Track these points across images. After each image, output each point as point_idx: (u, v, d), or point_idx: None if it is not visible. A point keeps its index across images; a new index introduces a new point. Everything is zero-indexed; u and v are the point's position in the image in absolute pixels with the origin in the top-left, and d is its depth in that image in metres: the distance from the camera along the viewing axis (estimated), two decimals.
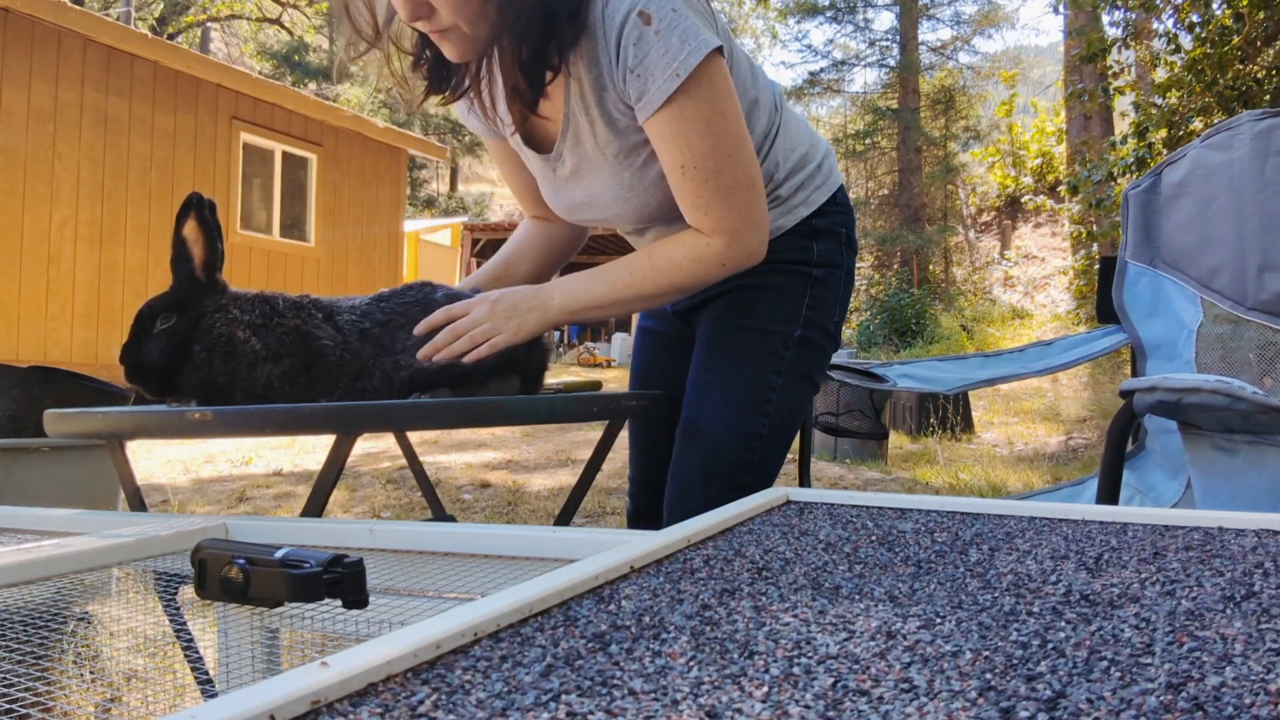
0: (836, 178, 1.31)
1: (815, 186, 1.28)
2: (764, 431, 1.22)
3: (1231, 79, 6.22)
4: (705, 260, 1.13)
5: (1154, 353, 1.88)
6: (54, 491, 2.06)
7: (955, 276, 17.70)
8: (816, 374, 1.30)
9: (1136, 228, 1.94)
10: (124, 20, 15.09)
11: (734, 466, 1.22)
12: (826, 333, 1.28)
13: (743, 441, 1.22)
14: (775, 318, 1.24)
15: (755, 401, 1.22)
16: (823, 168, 1.30)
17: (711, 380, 1.25)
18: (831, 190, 1.29)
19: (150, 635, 0.85)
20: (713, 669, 0.42)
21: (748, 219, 1.12)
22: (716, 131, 1.08)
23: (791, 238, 1.25)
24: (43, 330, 6.71)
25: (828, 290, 1.28)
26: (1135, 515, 0.75)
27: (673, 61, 1.04)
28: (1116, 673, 0.40)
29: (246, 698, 0.36)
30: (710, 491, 1.21)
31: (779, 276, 1.25)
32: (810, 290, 1.26)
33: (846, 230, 1.31)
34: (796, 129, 1.29)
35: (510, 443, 5.66)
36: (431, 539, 0.77)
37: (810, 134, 1.32)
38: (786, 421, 1.25)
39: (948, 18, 19.55)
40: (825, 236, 1.27)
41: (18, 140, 6.54)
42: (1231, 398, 1.04)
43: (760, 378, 1.23)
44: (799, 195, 1.26)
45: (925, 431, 6.07)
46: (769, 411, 1.23)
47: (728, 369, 1.24)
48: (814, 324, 1.26)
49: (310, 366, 1.12)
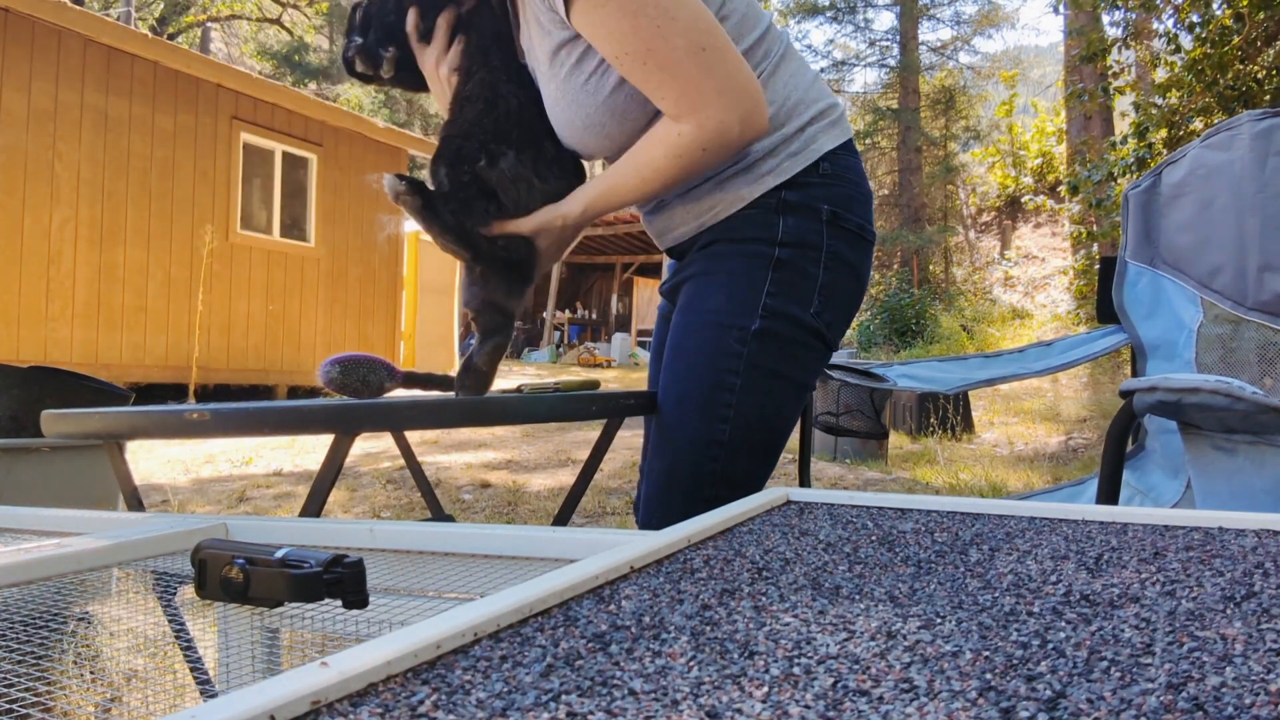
0: (821, 146, 1.15)
1: (790, 154, 1.13)
2: (724, 438, 1.12)
3: (1232, 79, 6.22)
4: (685, 152, 1.04)
5: (1154, 353, 1.88)
6: (54, 491, 2.06)
7: (955, 276, 17.70)
8: (791, 370, 1.15)
9: (1136, 228, 1.94)
10: (124, 20, 15.09)
11: (696, 476, 1.14)
12: (797, 323, 1.13)
13: (702, 449, 1.13)
14: (728, 309, 1.13)
15: (712, 405, 1.12)
16: (804, 132, 1.14)
17: (671, 381, 1.18)
18: (812, 159, 1.13)
19: (150, 635, 0.85)
20: (713, 669, 0.42)
21: (706, 90, 1.01)
22: (633, 8, 1.00)
23: (756, 211, 1.13)
24: (43, 330, 6.71)
25: (796, 274, 1.13)
26: (1135, 515, 0.75)
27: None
28: (1117, 673, 0.40)
29: (246, 698, 0.36)
30: (673, 500, 1.16)
31: (734, 261, 1.14)
32: (772, 273, 1.12)
33: (831, 206, 1.14)
34: (784, 85, 1.15)
35: (510, 443, 5.66)
36: (431, 539, 0.77)
37: (800, 91, 1.16)
38: (755, 425, 1.14)
39: (948, 18, 19.56)
40: (797, 211, 1.12)
41: (18, 140, 6.53)
42: (1232, 398, 1.04)
43: (716, 379, 1.12)
44: (767, 162, 1.13)
45: (925, 431, 6.07)
46: (728, 416, 1.12)
47: (683, 368, 1.16)
48: (777, 314, 1.12)
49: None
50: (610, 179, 1.13)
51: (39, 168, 6.65)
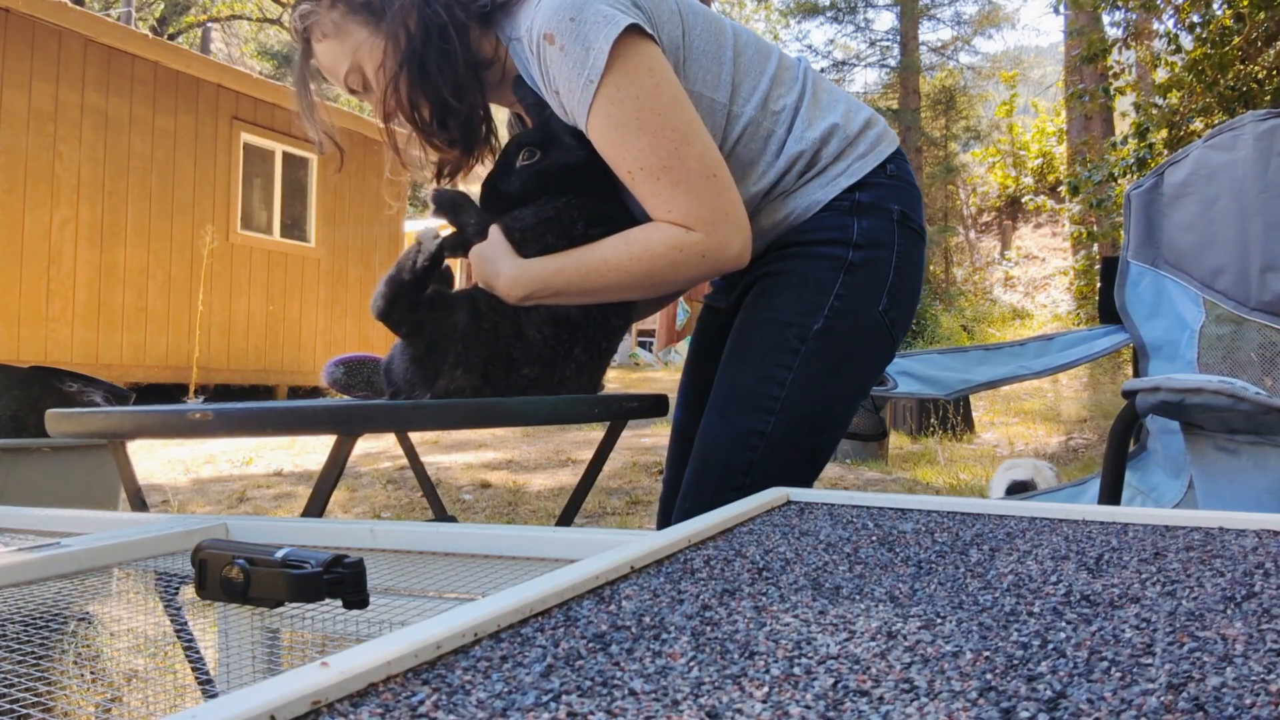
0: (885, 149, 1.19)
1: (858, 156, 1.16)
2: (767, 429, 1.14)
3: (1232, 79, 6.22)
4: (685, 249, 1.05)
5: (1156, 353, 1.88)
6: (54, 491, 2.06)
7: (956, 277, 17.69)
8: (850, 368, 1.17)
9: (1138, 228, 1.94)
10: (125, 20, 15.09)
11: (729, 465, 1.15)
12: (864, 321, 1.15)
13: (741, 439, 1.15)
14: (793, 308, 1.14)
15: (759, 397, 1.14)
16: (866, 135, 1.18)
17: (723, 376, 1.19)
18: (879, 159, 1.17)
19: (151, 635, 0.85)
20: (713, 669, 0.42)
21: (718, 210, 1.05)
22: (652, 128, 1.03)
23: (830, 214, 1.15)
24: (43, 330, 6.71)
25: (870, 275, 1.15)
26: (1136, 516, 0.75)
27: (582, 71, 1.03)
28: (1117, 673, 0.40)
29: (247, 698, 0.36)
30: (704, 488, 1.17)
31: (805, 262, 1.15)
32: (843, 276, 1.14)
33: (901, 207, 1.17)
34: (829, 98, 1.19)
35: (510, 443, 5.66)
36: (432, 539, 0.77)
37: (846, 101, 1.21)
38: (803, 421, 1.15)
39: (948, 18, 19.53)
40: (871, 212, 1.15)
41: (18, 140, 6.54)
42: (1235, 398, 1.04)
43: (767, 373, 1.14)
44: (838, 165, 1.15)
45: (926, 432, 6.07)
46: (774, 409, 1.14)
47: (737, 363, 1.18)
48: (843, 314, 1.14)
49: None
50: (594, 248, 1.11)
51: (39, 168, 6.66)
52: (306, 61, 1.21)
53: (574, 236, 1.12)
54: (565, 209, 1.14)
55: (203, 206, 7.73)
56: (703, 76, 1.13)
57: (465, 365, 1.11)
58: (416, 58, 1.12)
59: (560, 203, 1.15)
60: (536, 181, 1.16)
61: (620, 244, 1.09)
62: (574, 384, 1.17)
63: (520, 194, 1.16)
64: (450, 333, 1.11)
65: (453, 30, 1.12)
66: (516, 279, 1.12)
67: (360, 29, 1.14)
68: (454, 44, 1.13)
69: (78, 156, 6.88)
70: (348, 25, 1.15)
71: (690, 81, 1.12)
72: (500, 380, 1.12)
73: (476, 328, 1.12)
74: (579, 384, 1.18)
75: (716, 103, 1.13)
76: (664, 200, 1.05)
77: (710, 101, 1.13)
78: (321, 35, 1.16)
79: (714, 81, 1.13)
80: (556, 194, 1.15)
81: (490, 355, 1.12)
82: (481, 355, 1.11)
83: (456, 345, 1.11)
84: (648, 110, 1.03)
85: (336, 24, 1.15)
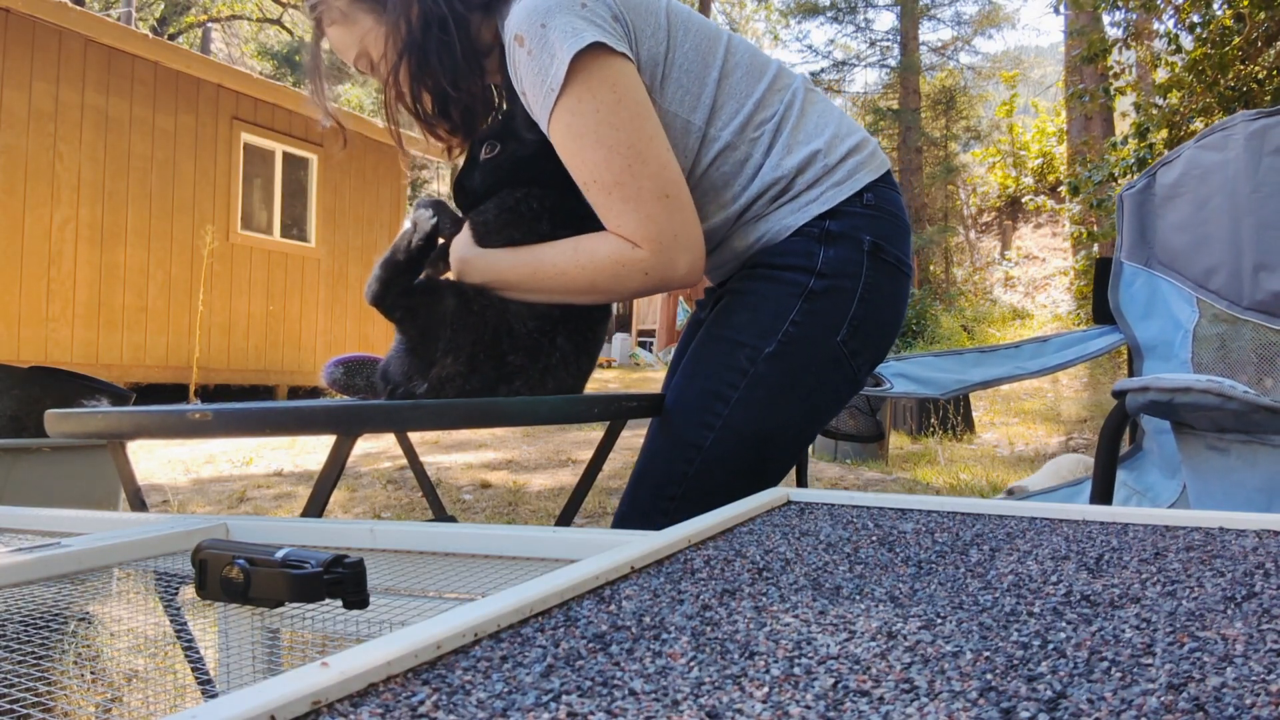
0: (862, 177, 1.17)
1: (833, 183, 1.15)
2: (705, 444, 1.13)
3: (1232, 79, 6.22)
4: (629, 264, 1.06)
5: (1150, 353, 1.88)
6: (54, 492, 2.06)
7: (956, 277, 17.69)
8: (799, 391, 1.15)
9: (1132, 228, 1.94)
10: (125, 21, 15.09)
11: (665, 475, 1.16)
12: (817, 349, 1.14)
13: (679, 451, 1.15)
14: (749, 329, 1.14)
15: (701, 412, 1.14)
16: (845, 163, 1.16)
17: (675, 385, 1.21)
18: (855, 189, 1.15)
19: (151, 635, 0.85)
20: (713, 669, 0.42)
21: (666, 231, 1.05)
22: (608, 143, 1.03)
23: (799, 239, 1.14)
24: (43, 330, 6.71)
25: (830, 304, 1.13)
26: (1136, 515, 0.75)
27: (545, 78, 1.04)
28: (1117, 673, 0.40)
29: (247, 698, 0.36)
30: (640, 495, 1.17)
31: (768, 284, 1.15)
32: (802, 303, 1.13)
33: (874, 238, 1.15)
34: (818, 122, 1.18)
35: (510, 443, 5.66)
36: (432, 539, 0.77)
37: (834, 125, 1.19)
38: (742, 441, 1.14)
39: (948, 18, 19.54)
40: (839, 241, 1.13)
41: (19, 140, 6.54)
42: (1223, 397, 1.04)
43: (714, 389, 1.14)
44: (811, 191, 1.15)
45: (925, 432, 6.07)
46: (715, 425, 1.13)
47: (688, 376, 1.19)
48: (798, 340, 1.13)
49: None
50: (545, 249, 1.13)
51: (40, 168, 6.65)
52: (318, 43, 1.23)
53: (535, 226, 1.15)
54: (524, 199, 1.16)
55: (203, 206, 7.72)
56: (680, 97, 1.13)
57: (454, 351, 1.12)
58: (417, 48, 1.13)
59: (520, 194, 1.17)
60: (495, 176, 1.18)
61: (570, 250, 1.10)
62: (560, 373, 1.18)
63: (483, 188, 1.18)
64: (441, 318, 1.13)
65: (453, 21, 1.13)
66: (474, 267, 1.15)
67: (366, 16, 1.16)
68: (454, 35, 1.14)
69: (78, 156, 6.88)
70: (355, 12, 1.16)
71: (666, 100, 1.12)
72: (486, 367, 1.13)
73: (465, 310, 1.13)
74: (565, 374, 1.18)
75: (692, 124, 1.14)
76: (614, 214, 1.06)
77: (685, 122, 1.14)
78: (331, 21, 1.19)
79: (692, 103, 1.14)
80: (515, 186, 1.17)
81: (477, 339, 1.13)
82: (469, 339, 1.13)
83: (446, 330, 1.12)
84: (605, 125, 1.03)
85: (344, 11, 1.17)
